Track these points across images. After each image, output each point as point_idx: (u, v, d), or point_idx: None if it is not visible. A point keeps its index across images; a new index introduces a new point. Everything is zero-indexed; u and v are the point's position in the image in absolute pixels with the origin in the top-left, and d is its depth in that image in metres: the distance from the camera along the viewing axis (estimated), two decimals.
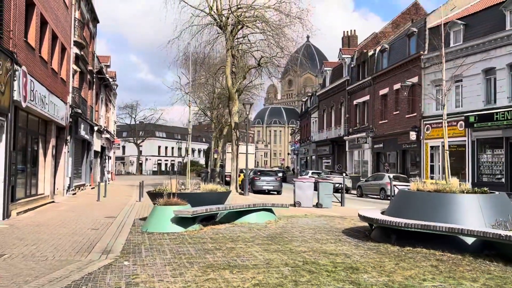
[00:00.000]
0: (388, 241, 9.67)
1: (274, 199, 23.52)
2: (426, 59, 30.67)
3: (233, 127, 27.87)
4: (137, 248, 8.97)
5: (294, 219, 13.96)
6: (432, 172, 30.46)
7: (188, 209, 11.32)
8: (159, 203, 11.65)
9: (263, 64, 28.23)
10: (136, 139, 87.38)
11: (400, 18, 45.45)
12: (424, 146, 31.03)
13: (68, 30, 23.35)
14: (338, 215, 15.52)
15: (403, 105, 34.22)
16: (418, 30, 32.64)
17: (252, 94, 40.20)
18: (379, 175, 29.55)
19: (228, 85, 27.28)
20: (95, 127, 32.86)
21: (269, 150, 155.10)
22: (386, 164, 37.56)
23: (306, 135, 65.71)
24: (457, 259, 8.21)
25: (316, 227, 12.22)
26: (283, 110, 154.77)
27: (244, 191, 25.54)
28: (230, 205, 12.46)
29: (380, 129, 38.12)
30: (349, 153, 44.93)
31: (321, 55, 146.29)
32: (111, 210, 16.67)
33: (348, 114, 45.17)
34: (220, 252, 8.60)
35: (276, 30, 27.03)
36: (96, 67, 33.16)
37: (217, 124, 45.24)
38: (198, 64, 30.32)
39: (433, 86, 30.56)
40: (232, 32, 26.92)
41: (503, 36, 24.53)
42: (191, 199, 12.16)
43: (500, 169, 25.24)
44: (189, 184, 13.42)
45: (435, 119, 30.01)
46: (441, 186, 10.17)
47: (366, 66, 41.40)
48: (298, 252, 8.65)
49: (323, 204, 18.76)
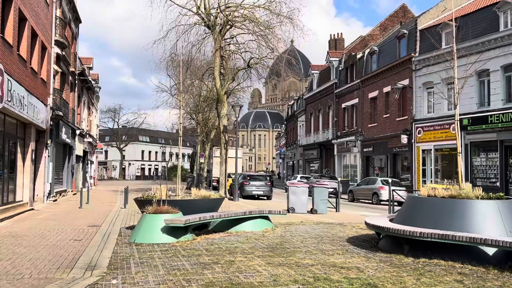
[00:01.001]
0: (400, 252, 8.89)
1: (265, 205, 22.68)
2: (417, 61, 30.19)
3: (222, 130, 26.98)
4: (125, 263, 8.05)
5: (291, 227, 13.12)
6: (424, 176, 29.92)
7: (180, 217, 10.42)
8: (148, 211, 10.72)
9: (253, 65, 27.37)
10: (119, 143, 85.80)
11: (387, 21, 45.08)
12: (416, 149, 30.49)
13: (49, 28, 22.25)
14: (336, 222, 14.73)
15: (394, 108, 33.70)
16: (408, 32, 32.17)
17: (239, 97, 39.35)
18: (371, 180, 28.91)
19: (217, 86, 26.38)
20: (77, 130, 31.70)
21: (254, 155, 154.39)
22: (376, 168, 37.01)
23: (292, 138, 65.05)
24: (480, 272, 7.45)
25: (317, 236, 11.40)
26: (268, 114, 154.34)
27: (234, 197, 24.63)
28: (225, 213, 11.58)
29: (369, 133, 37.56)
30: (338, 157, 44.31)
31: (305, 59, 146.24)
32: (95, 218, 15.65)
33: (337, 117, 44.59)
34: (219, 266, 7.71)
35: (265, 31, 26.26)
36: (78, 68, 32.02)
37: (204, 128, 44.25)
38: (187, 69, 29.34)
39: (425, 88, 30.08)
40: (221, 32, 26.05)
41: (497, 37, 24.10)
42: (183, 206, 11.26)
43: (494, 172, 24.76)
44: (180, 190, 12.50)
45: (427, 122, 29.51)
46: (455, 191, 9.41)
47: (354, 69, 40.88)
48: (306, 266, 7.80)
49: (318, 210, 17.98)
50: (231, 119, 51.69)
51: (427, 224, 8.91)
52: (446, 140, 27.95)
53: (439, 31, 28.40)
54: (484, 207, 8.79)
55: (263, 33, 26.07)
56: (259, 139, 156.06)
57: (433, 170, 29.32)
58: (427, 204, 9.46)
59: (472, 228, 8.50)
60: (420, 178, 30.04)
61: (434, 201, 9.34)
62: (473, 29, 25.67)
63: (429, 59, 28.65)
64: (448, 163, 28.45)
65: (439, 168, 29.19)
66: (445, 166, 28.83)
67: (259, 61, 27.08)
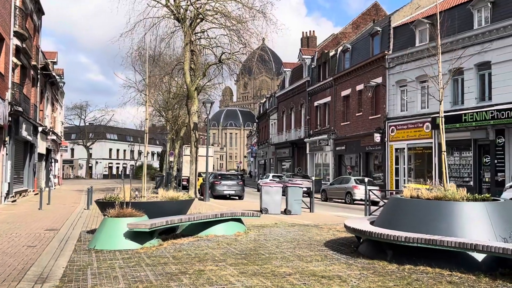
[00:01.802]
0: (383, 257, 8.27)
1: (237, 205, 21.92)
2: (391, 59, 29.91)
3: (192, 128, 26.03)
4: (81, 273, 7.17)
5: (265, 230, 12.39)
6: (397, 175, 29.68)
7: (145, 221, 9.56)
8: (109, 214, 9.83)
9: (224, 61, 26.49)
10: (85, 141, 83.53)
11: (360, 19, 44.90)
12: (389, 148, 30.23)
13: (7, 18, 20.94)
14: (312, 223, 14.08)
15: (366, 106, 33.40)
16: (382, 29, 31.88)
17: (210, 94, 38.37)
18: (344, 179, 28.46)
19: (187, 82, 25.39)
20: (39, 127, 30.24)
21: (225, 153, 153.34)
22: (349, 166, 36.71)
23: (264, 137, 64.42)
24: (471, 281, 6.88)
25: (293, 240, 10.70)
26: (239, 112, 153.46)
27: (205, 197, 23.76)
28: (194, 215, 10.76)
29: (342, 131, 37.22)
30: (310, 155, 43.87)
31: (277, 58, 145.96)
32: (54, 220, 14.60)
33: (309, 115, 44.14)
34: (187, 277, 6.91)
35: (238, 25, 25.45)
36: (41, 62, 30.53)
37: (173, 125, 43.09)
38: (153, 61, 28.24)
39: (398, 86, 29.83)
40: (191, 26, 25.09)
41: (471, 35, 23.93)
42: (148, 209, 10.41)
43: (468, 171, 24.62)
44: (145, 191, 11.61)
45: (400, 120, 29.27)
46: (440, 193, 8.85)
47: (327, 66, 40.47)
48: (283, 275, 7.08)
49: (292, 211, 17.32)
50: (201, 116, 50.77)
51: (411, 227, 8.32)
52: (420, 139, 27.74)
53: (413, 29, 28.16)
54: (471, 209, 8.24)
55: (235, 27, 25.27)
56: (230, 137, 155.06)
57: (406, 169, 29.11)
58: (411, 206, 8.86)
59: (460, 231, 7.94)
60: (393, 177, 29.80)
61: (418, 203, 8.75)
62: (448, 26, 25.43)
63: (403, 57, 28.41)
64: (422, 162, 28.27)
65: (412, 167, 29.00)
66: (418, 165, 28.65)
67: (231, 56, 26.23)
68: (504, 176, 22.23)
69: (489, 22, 23.64)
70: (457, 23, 25.08)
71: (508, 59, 22.45)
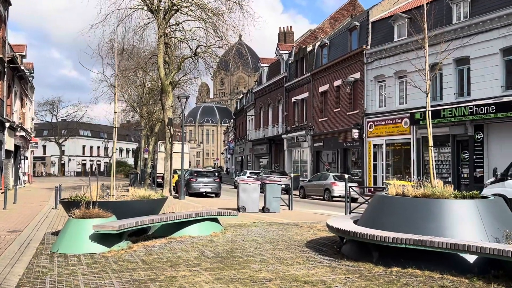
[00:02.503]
0: (368, 259, 7.74)
1: (213, 203, 21.27)
2: (369, 54, 29.59)
3: (167, 123, 25.21)
4: (39, 282, 6.45)
5: (243, 229, 11.78)
6: (375, 171, 29.41)
7: (112, 222, 8.86)
8: (74, 215, 9.09)
9: (200, 54, 25.69)
10: (57, 138, 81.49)
11: (337, 14, 44.58)
12: (367, 144, 29.94)
13: None
14: (291, 222, 13.53)
15: (344, 102, 33.06)
16: (360, 24, 31.54)
17: (186, 89, 37.44)
18: (323, 175, 28.04)
19: (161, 76, 24.51)
20: (6, 123, 28.98)
21: (202, 150, 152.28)
22: (326, 163, 36.37)
23: (241, 133, 63.77)
24: (464, 284, 6.41)
25: (272, 240, 10.11)
26: (216, 109, 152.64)
27: (180, 195, 22.99)
28: (167, 215, 10.07)
29: (320, 127, 36.84)
30: (288, 152, 43.43)
31: (254, 55, 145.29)
32: (18, 221, 13.72)
33: (286, 111, 43.67)
34: (157, 285, 6.26)
35: (213, 17, 24.70)
36: (8, 55, 29.25)
37: (148, 121, 42.06)
38: (126, 54, 27.27)
39: (376, 82, 29.54)
40: (165, 17, 24.22)
41: (450, 30, 23.68)
42: (117, 209, 9.70)
43: (446, 167, 24.45)
44: (114, 190, 10.87)
45: (379, 116, 28.99)
46: (428, 190, 8.37)
47: (304, 62, 40.03)
48: (262, 281, 6.48)
49: (271, 208, 16.76)
50: (177, 111, 49.81)
51: (398, 227, 7.82)
52: (398, 135, 27.51)
53: (391, 23, 27.88)
54: (461, 207, 7.77)
55: (211, 20, 24.51)
56: (207, 134, 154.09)
57: (385, 165, 28.86)
58: (397, 204, 8.35)
59: (449, 231, 7.47)
60: (372, 173, 29.53)
61: (405, 201, 8.26)
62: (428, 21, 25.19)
63: (381, 52, 28.09)
64: (400, 158, 28.05)
65: (390, 163, 28.76)
66: (396, 161, 28.42)
67: (206, 49, 25.45)
68: (483, 172, 22.09)
69: (468, 17, 23.45)
70: (436, 18, 24.85)
71: (486, 54, 22.29)
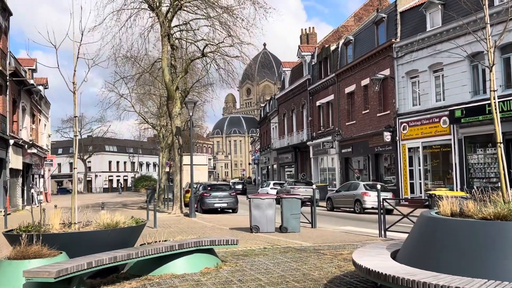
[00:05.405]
0: None
1: (226, 221, 18.72)
2: (399, 48, 26.70)
3: (175, 133, 22.89)
4: None
5: (247, 261, 9.14)
6: (412, 178, 26.35)
7: (52, 265, 6.37)
8: (9, 254, 6.71)
9: (209, 54, 23.24)
10: (82, 154, 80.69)
11: (362, 11, 41.77)
12: (401, 148, 26.93)
13: None
14: (311, 247, 10.85)
15: (374, 102, 30.15)
16: (387, 15, 28.68)
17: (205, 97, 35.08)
18: (353, 184, 25.13)
19: (166, 80, 22.18)
20: (10, 140, 27.21)
21: (230, 161, 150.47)
22: (356, 170, 33.43)
23: (266, 142, 61.22)
24: None
25: (282, 280, 7.42)
26: (243, 119, 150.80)
27: (190, 212, 20.53)
28: (139, 250, 7.55)
29: (347, 132, 33.95)
30: (314, 159, 40.58)
31: (278, 62, 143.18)
32: None
33: (311, 116, 40.92)
34: None
35: (223, 15, 22.34)
36: (10, 68, 27.58)
37: (166, 133, 39.92)
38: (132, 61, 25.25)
39: (408, 78, 26.59)
40: (167, 16, 21.96)
41: (493, 13, 20.61)
42: (72, 243, 7.26)
43: (495, 171, 21.25)
44: (76, 213, 8.45)
45: (413, 116, 26.04)
46: (502, 207, 5.59)
47: (328, 62, 37.31)
48: None
49: (289, 228, 14.09)
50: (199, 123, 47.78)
51: (458, 266, 5.09)
52: (436, 136, 24.49)
53: (423, 12, 24.97)
54: None
55: (218, 16, 22.11)
56: (234, 145, 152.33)
57: (422, 170, 25.76)
58: (456, 231, 5.58)
59: None
60: (408, 180, 26.49)
61: (468, 226, 5.50)
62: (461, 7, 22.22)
63: (413, 44, 25.19)
64: (439, 162, 24.96)
65: (429, 168, 25.67)
66: (435, 165, 25.33)
67: (216, 49, 22.99)
68: None
69: None
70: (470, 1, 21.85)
71: None
